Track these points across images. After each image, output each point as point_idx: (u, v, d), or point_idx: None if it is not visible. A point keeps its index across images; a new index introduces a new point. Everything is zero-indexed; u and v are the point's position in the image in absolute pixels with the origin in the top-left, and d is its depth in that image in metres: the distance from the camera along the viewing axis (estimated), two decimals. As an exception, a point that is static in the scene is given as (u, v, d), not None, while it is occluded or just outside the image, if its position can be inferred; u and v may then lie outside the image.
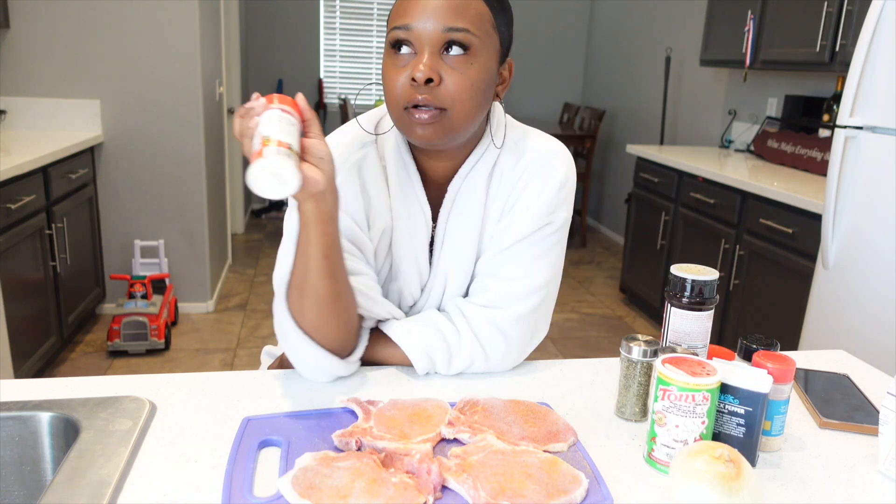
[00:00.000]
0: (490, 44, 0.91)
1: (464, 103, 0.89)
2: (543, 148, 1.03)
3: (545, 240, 1.02)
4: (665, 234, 3.45)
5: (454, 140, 0.94)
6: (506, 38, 0.95)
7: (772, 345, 0.87)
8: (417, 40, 0.88)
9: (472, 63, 0.89)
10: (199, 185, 3.33)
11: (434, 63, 0.88)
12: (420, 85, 0.87)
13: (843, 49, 2.64)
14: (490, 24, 0.91)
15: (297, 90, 5.54)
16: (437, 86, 0.88)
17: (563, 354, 3.23)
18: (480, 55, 0.90)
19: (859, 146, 2.03)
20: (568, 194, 1.04)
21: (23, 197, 2.40)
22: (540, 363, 1.06)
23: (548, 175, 1.01)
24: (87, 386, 0.92)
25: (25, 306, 2.47)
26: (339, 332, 0.92)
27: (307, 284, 0.87)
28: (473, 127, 0.94)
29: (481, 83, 0.91)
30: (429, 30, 0.87)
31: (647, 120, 4.88)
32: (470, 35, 0.88)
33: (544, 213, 1.01)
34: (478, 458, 0.76)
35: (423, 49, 0.88)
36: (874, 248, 2.00)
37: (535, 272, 1.01)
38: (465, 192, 1.02)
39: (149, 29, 3.11)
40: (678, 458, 0.72)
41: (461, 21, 0.87)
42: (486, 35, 0.90)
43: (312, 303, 0.88)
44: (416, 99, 0.88)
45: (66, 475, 0.71)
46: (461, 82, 0.88)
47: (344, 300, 0.90)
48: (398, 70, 0.90)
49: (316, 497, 0.67)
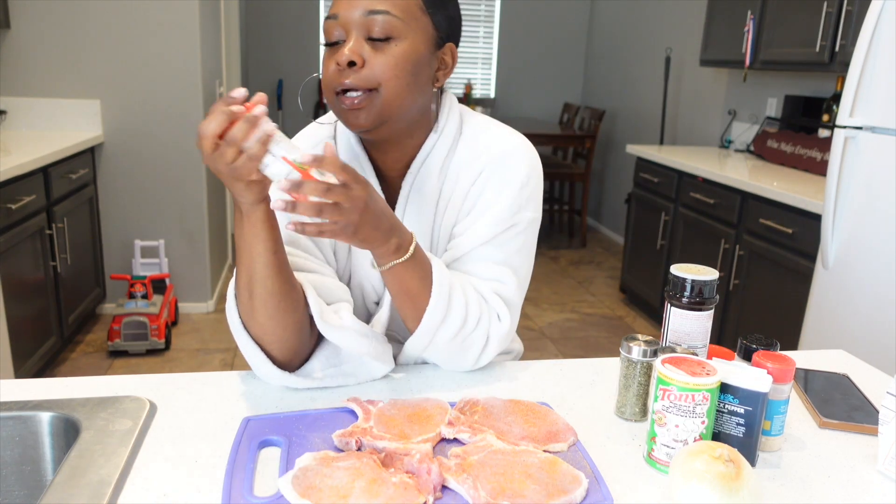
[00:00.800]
0: (418, 27, 0.92)
1: (390, 81, 0.90)
2: (503, 144, 1.01)
3: (510, 242, 1.00)
4: (665, 234, 3.45)
5: (390, 124, 0.93)
6: (442, 22, 0.95)
7: (771, 345, 0.87)
8: (344, 27, 0.90)
9: (396, 45, 0.90)
10: (199, 185, 3.33)
11: (357, 47, 0.89)
12: (344, 69, 0.89)
13: (842, 49, 2.64)
14: (417, 6, 0.92)
15: (297, 90, 5.55)
16: (362, 67, 0.89)
17: (563, 354, 3.23)
18: (405, 37, 0.91)
19: (859, 146, 2.03)
20: (531, 193, 1.01)
21: (23, 197, 2.41)
22: (540, 363, 1.06)
23: (508, 174, 0.99)
24: (87, 386, 0.92)
25: (26, 306, 2.47)
26: (290, 335, 0.90)
27: (255, 284, 0.86)
28: (409, 110, 0.94)
29: (407, 63, 0.91)
30: (352, 16, 0.90)
31: (647, 120, 4.88)
32: (391, 17, 0.89)
33: (506, 216, 0.99)
34: (478, 458, 0.76)
35: (350, 35, 0.90)
36: (874, 248, 2.00)
37: (500, 276, 0.99)
38: (419, 186, 1.01)
39: (149, 29, 3.11)
40: (678, 458, 0.72)
41: (382, 3, 0.89)
42: (411, 18, 0.91)
43: (261, 304, 0.86)
44: (343, 84, 0.90)
45: (66, 475, 0.71)
46: (385, 61, 0.90)
47: (292, 298, 0.88)
48: (329, 59, 0.92)
49: (316, 497, 0.67)
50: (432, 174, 1.00)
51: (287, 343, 0.90)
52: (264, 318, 0.87)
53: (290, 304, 0.88)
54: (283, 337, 0.89)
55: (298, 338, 0.91)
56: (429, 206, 1.01)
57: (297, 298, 0.89)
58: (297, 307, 0.89)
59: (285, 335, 0.89)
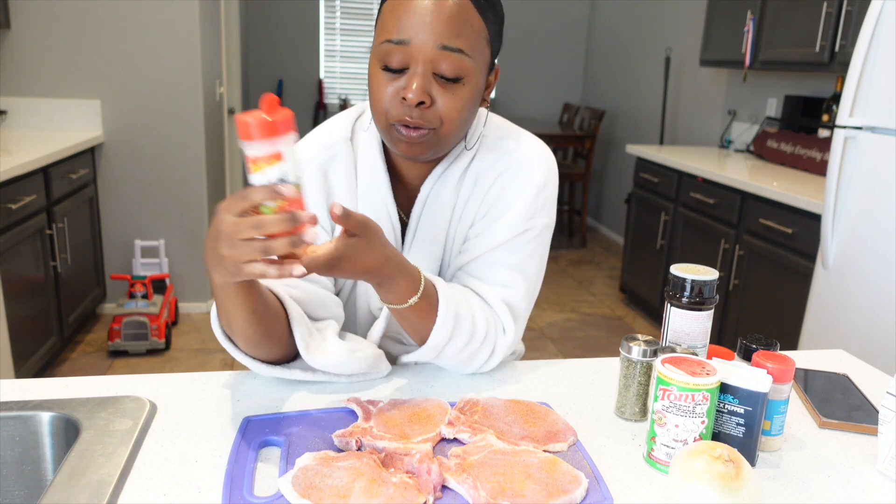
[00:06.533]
0: (482, 61, 0.89)
1: (453, 122, 0.88)
2: (522, 149, 1.01)
3: (524, 247, 1.00)
4: (665, 234, 3.45)
5: (439, 154, 0.93)
6: (496, 49, 0.93)
7: (771, 345, 0.87)
8: (412, 57, 0.85)
9: (465, 84, 0.87)
10: (199, 185, 3.33)
11: (426, 84, 0.85)
12: (411, 106, 0.86)
13: (842, 49, 2.64)
14: (484, 39, 0.88)
15: (297, 90, 5.55)
16: (429, 108, 0.86)
17: (563, 354, 3.23)
18: (473, 75, 0.88)
19: (859, 146, 2.03)
20: (547, 199, 1.01)
21: (23, 197, 2.41)
22: (540, 363, 1.06)
23: (526, 179, 0.99)
24: (87, 386, 0.92)
25: (26, 306, 2.47)
26: (275, 354, 0.89)
27: (234, 331, 0.84)
28: (460, 138, 0.93)
29: (472, 102, 0.89)
30: (425, 47, 0.84)
31: (647, 120, 4.88)
32: (464, 57, 0.85)
33: (522, 220, 0.98)
34: (478, 457, 0.76)
35: (416, 66, 0.85)
36: (874, 248, 2.00)
37: (512, 283, 0.99)
38: (437, 191, 1.00)
39: (149, 29, 3.11)
40: (678, 458, 0.72)
41: (457, 40, 0.84)
42: (479, 53, 0.88)
43: (242, 342, 0.86)
44: (405, 119, 0.86)
45: (66, 475, 0.71)
46: (453, 104, 0.87)
47: (275, 337, 0.86)
48: (387, 81, 0.87)
49: (316, 497, 0.67)
50: (452, 179, 1.00)
51: (275, 355, 0.90)
52: (246, 348, 0.87)
53: (272, 342, 0.87)
54: (270, 355, 0.90)
55: (287, 352, 0.91)
56: (446, 209, 1.00)
57: (279, 335, 0.87)
58: (279, 341, 0.88)
59: (271, 354, 0.90)
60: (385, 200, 1.00)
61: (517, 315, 1.00)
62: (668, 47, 4.50)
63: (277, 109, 0.67)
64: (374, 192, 1.00)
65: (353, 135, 1.02)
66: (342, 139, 1.01)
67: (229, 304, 0.79)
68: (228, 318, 0.82)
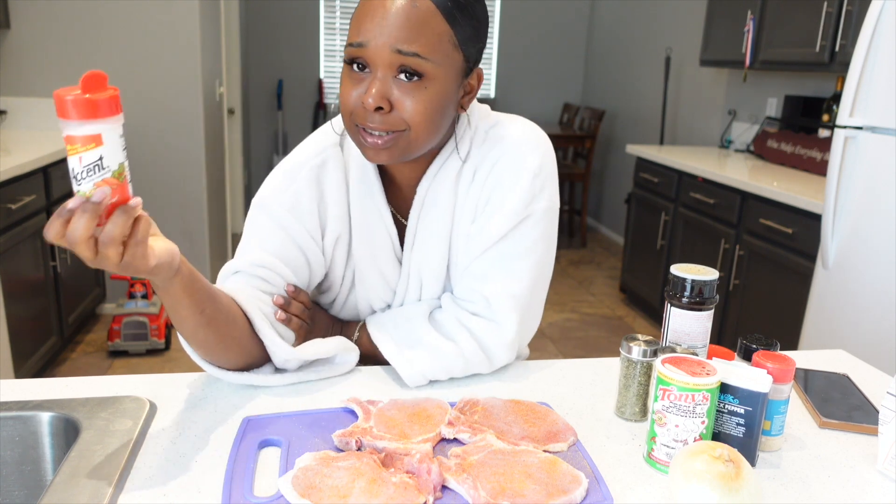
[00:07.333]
0: (449, 64, 0.86)
1: (420, 126, 0.86)
2: (513, 135, 0.99)
3: (526, 236, 0.98)
4: (665, 234, 3.45)
5: (411, 157, 0.91)
6: (473, 53, 0.90)
7: (771, 345, 0.87)
8: (370, 59, 0.84)
9: (426, 87, 0.85)
10: (199, 184, 3.33)
11: (384, 89, 0.84)
12: (370, 111, 0.85)
13: (842, 49, 2.64)
14: (450, 43, 0.85)
15: (297, 90, 5.55)
16: (389, 112, 0.85)
17: (563, 354, 3.23)
18: (435, 79, 0.86)
19: (859, 146, 2.03)
20: (545, 182, 0.98)
21: (23, 197, 2.41)
22: (540, 363, 1.06)
23: (520, 166, 0.97)
24: (87, 386, 0.92)
25: (26, 306, 2.47)
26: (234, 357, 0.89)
27: (188, 337, 0.84)
28: (433, 143, 0.92)
29: (437, 105, 0.87)
30: (380, 51, 0.83)
31: (647, 120, 4.88)
32: (421, 60, 0.83)
33: (520, 207, 0.97)
34: (478, 457, 0.76)
35: (376, 70, 0.85)
36: (874, 248, 2.00)
37: (518, 273, 0.98)
38: (435, 190, 0.99)
39: (149, 29, 3.11)
40: (678, 458, 0.72)
41: (413, 45, 0.82)
42: (443, 56, 0.85)
43: (199, 348, 0.86)
44: (366, 125, 0.86)
45: (66, 475, 0.71)
46: (413, 107, 0.85)
47: (232, 338, 0.87)
48: (352, 83, 0.87)
49: (316, 497, 0.67)
50: (449, 176, 0.99)
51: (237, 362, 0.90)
52: (204, 354, 0.88)
53: (228, 346, 0.87)
54: (230, 361, 0.90)
55: (250, 359, 0.92)
56: (446, 208, 0.99)
57: (237, 338, 0.87)
58: (237, 345, 0.88)
59: (231, 360, 0.90)
60: (377, 204, 0.99)
61: (524, 306, 0.99)
62: (668, 47, 4.50)
63: (102, 88, 0.62)
64: (365, 196, 0.99)
65: (343, 138, 1.02)
66: (332, 144, 1.01)
67: (174, 305, 0.79)
68: (178, 320, 0.81)
